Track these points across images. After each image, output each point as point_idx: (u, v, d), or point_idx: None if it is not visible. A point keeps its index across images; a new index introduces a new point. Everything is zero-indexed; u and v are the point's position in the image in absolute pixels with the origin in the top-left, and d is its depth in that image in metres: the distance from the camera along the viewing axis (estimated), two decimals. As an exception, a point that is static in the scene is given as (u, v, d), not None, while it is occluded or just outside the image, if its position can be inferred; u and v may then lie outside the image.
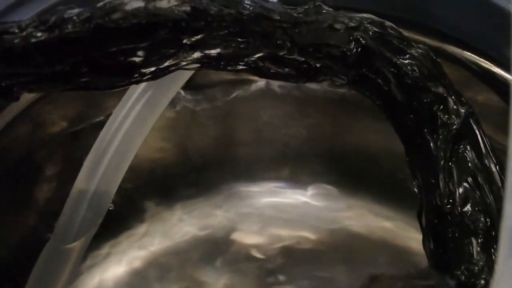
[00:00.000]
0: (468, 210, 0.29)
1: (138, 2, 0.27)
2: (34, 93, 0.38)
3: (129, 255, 0.46)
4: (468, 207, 0.29)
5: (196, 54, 0.29)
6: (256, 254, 0.47)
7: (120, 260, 0.46)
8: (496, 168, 0.30)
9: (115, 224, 0.45)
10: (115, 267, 0.46)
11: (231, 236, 0.48)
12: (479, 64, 0.38)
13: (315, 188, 0.49)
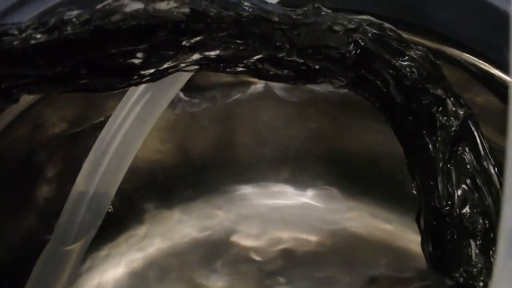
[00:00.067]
0: (467, 212, 0.29)
1: (138, 4, 0.27)
2: (34, 95, 0.38)
3: (128, 256, 0.46)
4: (466, 209, 0.29)
5: (195, 56, 0.29)
6: (256, 255, 0.47)
7: (120, 261, 0.46)
8: (495, 170, 0.30)
9: (114, 225, 0.45)
10: (114, 268, 0.46)
11: (231, 238, 0.48)
12: (478, 66, 0.38)
13: (315, 190, 0.49)
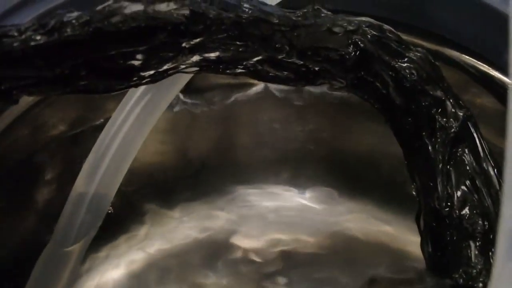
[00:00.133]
0: (466, 213, 0.29)
1: (137, 5, 0.27)
2: (33, 96, 0.38)
3: (128, 257, 0.46)
4: (466, 210, 0.29)
5: (195, 58, 0.29)
6: (256, 257, 0.47)
7: (119, 262, 0.46)
8: (494, 171, 0.30)
9: (114, 226, 0.45)
10: (114, 270, 0.46)
11: (231, 239, 0.48)
12: (478, 68, 0.38)
13: (315, 191, 0.49)
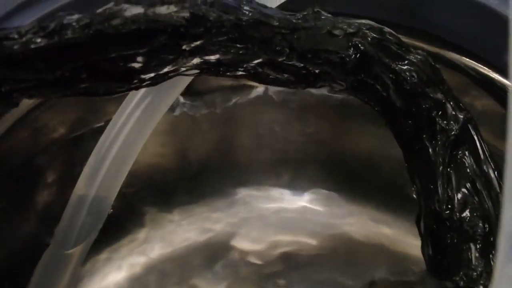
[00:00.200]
0: (467, 216, 0.29)
1: (138, 8, 0.27)
2: (34, 99, 0.38)
3: (129, 260, 0.46)
4: (466, 213, 0.29)
5: (195, 60, 0.29)
6: (256, 259, 0.47)
7: (120, 265, 0.46)
8: (495, 174, 0.30)
9: (114, 229, 0.45)
10: (115, 272, 0.46)
11: (231, 242, 0.48)
12: (478, 70, 0.38)
13: (315, 193, 0.49)
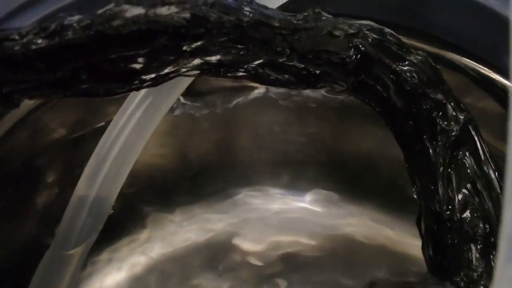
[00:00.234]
0: (467, 217, 0.29)
1: (138, 9, 0.27)
2: (34, 100, 0.38)
3: (129, 261, 0.46)
4: (467, 214, 0.29)
5: (196, 61, 0.29)
6: (256, 260, 0.47)
7: (121, 266, 0.46)
8: (495, 175, 0.30)
9: (115, 230, 0.45)
10: (115, 273, 0.46)
11: (231, 242, 0.48)
12: (478, 71, 0.38)
13: (315, 194, 0.49)
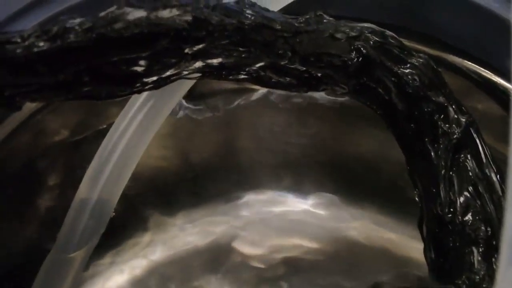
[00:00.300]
0: (469, 219, 0.29)
1: (140, 12, 0.27)
2: (36, 102, 0.38)
3: (131, 264, 0.46)
4: (469, 216, 0.29)
5: (197, 64, 0.29)
6: (258, 262, 0.47)
7: (123, 269, 0.46)
8: (497, 177, 0.30)
9: (117, 233, 0.45)
10: (117, 276, 0.46)
11: (233, 245, 0.48)
12: (480, 73, 0.38)
13: (316, 197, 0.49)
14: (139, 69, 0.28)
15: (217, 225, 0.48)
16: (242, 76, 0.30)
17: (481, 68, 0.38)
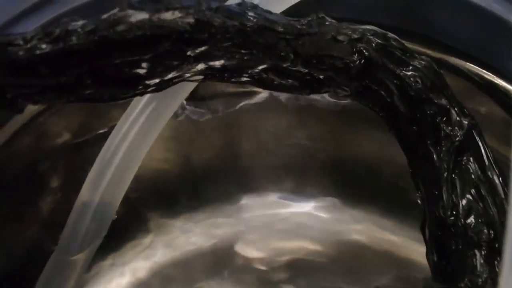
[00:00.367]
0: (472, 222, 0.29)
1: (143, 14, 0.27)
2: (38, 105, 0.38)
3: (133, 266, 0.46)
4: (471, 219, 0.29)
5: (200, 66, 0.29)
6: (261, 265, 0.47)
7: (125, 271, 0.46)
8: (499, 180, 0.30)
9: (119, 235, 0.45)
10: (119, 278, 0.46)
11: (235, 248, 0.48)
12: (482, 76, 0.38)
13: (319, 200, 0.49)
14: (141, 71, 0.28)
15: (219, 228, 0.48)
16: (245, 79, 0.30)
17: (483, 70, 0.38)
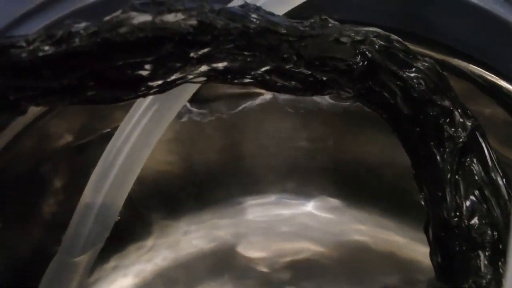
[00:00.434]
0: (475, 223, 0.29)
1: (145, 16, 0.27)
2: (41, 107, 0.38)
3: (136, 267, 0.46)
4: (475, 220, 0.29)
5: (202, 68, 0.29)
6: (263, 266, 0.47)
7: (127, 272, 0.46)
8: (503, 181, 0.30)
9: (122, 236, 0.45)
10: (122, 280, 0.46)
11: (237, 249, 0.48)
12: (485, 77, 0.38)
13: (321, 201, 0.49)
14: (144, 73, 0.28)
15: (221, 229, 0.48)
16: (247, 80, 0.30)
17: (486, 72, 0.38)
